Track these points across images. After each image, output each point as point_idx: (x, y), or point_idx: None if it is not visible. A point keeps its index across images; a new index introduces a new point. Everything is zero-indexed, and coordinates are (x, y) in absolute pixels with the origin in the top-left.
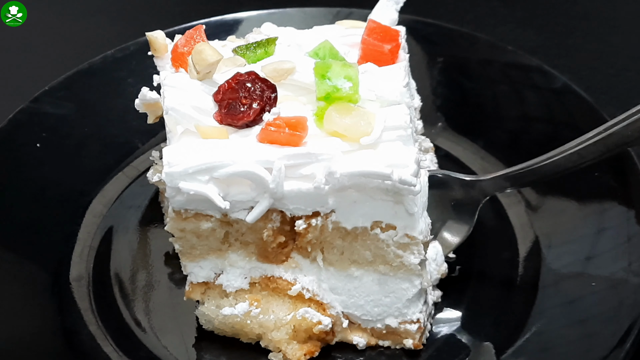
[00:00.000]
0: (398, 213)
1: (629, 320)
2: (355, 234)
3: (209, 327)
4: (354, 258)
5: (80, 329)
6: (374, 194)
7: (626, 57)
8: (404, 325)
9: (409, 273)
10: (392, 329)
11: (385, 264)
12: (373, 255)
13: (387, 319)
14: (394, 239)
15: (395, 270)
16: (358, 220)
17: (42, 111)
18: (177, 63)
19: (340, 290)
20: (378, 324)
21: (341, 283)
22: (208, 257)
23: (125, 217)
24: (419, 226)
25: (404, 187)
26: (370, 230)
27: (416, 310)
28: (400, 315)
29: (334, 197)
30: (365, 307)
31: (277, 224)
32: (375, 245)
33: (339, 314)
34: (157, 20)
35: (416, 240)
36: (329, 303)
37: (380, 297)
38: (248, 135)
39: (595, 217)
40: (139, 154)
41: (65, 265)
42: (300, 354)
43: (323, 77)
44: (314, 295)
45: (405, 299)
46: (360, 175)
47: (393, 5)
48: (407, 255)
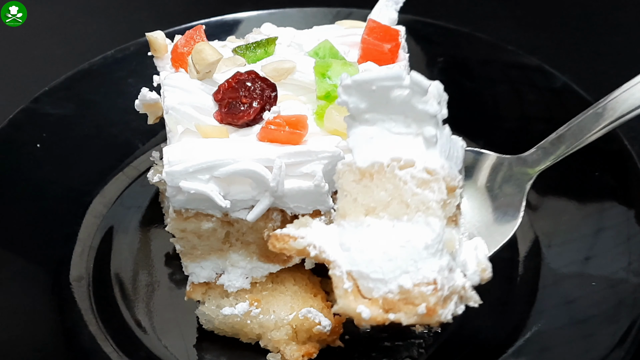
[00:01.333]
0: (417, 147)
1: (629, 320)
2: (370, 172)
3: (209, 327)
4: (368, 203)
5: (81, 329)
6: (392, 126)
7: (626, 57)
8: (418, 287)
9: (427, 214)
10: (406, 292)
11: (401, 205)
12: (390, 195)
13: (400, 277)
14: (412, 175)
15: (413, 213)
16: (375, 157)
17: (42, 111)
18: (177, 63)
19: (350, 244)
20: (390, 285)
21: (352, 236)
22: (209, 257)
23: (126, 217)
24: (440, 160)
25: (424, 111)
26: (387, 167)
27: (434, 268)
28: (415, 272)
29: (350, 134)
30: (377, 262)
31: (277, 223)
32: (392, 183)
33: (342, 274)
34: (157, 20)
35: (436, 175)
36: (335, 261)
37: (394, 248)
38: (248, 134)
39: (595, 216)
40: (139, 154)
41: (65, 265)
42: (298, 355)
43: (323, 76)
44: (320, 253)
45: (422, 246)
46: (371, 81)
47: (393, 5)
48: (426, 192)
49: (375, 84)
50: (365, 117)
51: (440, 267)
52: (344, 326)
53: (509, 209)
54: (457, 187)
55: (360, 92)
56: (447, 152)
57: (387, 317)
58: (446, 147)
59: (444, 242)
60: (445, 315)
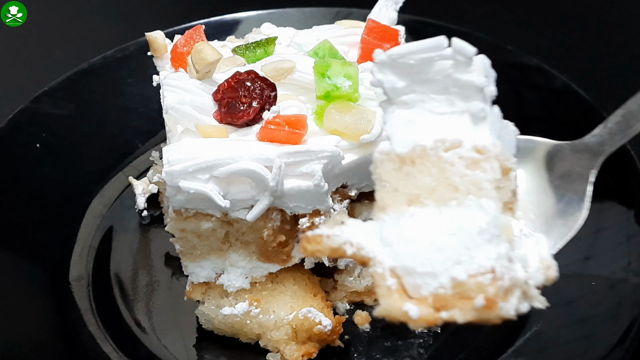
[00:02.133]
0: (464, 125)
1: (629, 319)
2: (412, 158)
3: (208, 326)
4: (410, 190)
5: (80, 329)
6: (433, 106)
7: (626, 57)
8: (474, 278)
9: (479, 196)
10: (460, 285)
11: (449, 189)
12: (435, 180)
13: (452, 268)
14: (460, 155)
15: (463, 196)
16: (415, 140)
17: (42, 111)
18: (177, 63)
19: (392, 237)
20: (441, 279)
21: (395, 229)
22: (209, 257)
23: (125, 217)
24: (490, 137)
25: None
26: (430, 150)
27: (490, 255)
28: (469, 261)
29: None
30: (424, 254)
31: (277, 223)
32: (437, 167)
33: (384, 271)
34: (156, 20)
35: (487, 153)
36: (375, 258)
37: (444, 237)
38: (248, 134)
39: (594, 216)
40: (139, 154)
41: (65, 265)
42: (298, 355)
43: (323, 76)
44: (358, 250)
45: (475, 232)
46: (409, 54)
47: (392, 5)
48: (476, 173)
49: (413, 57)
50: (402, 99)
51: (498, 255)
52: (344, 326)
53: (571, 200)
54: (512, 169)
55: (397, 69)
56: (498, 131)
57: (439, 317)
58: (497, 126)
59: (501, 227)
60: (507, 310)
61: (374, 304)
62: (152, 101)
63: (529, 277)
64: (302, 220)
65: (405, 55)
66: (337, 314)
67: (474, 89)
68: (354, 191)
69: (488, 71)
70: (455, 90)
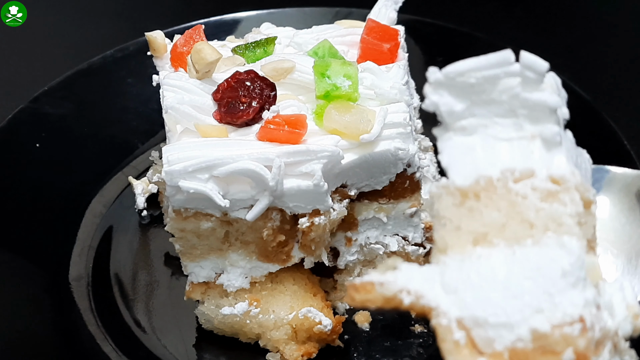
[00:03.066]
0: (535, 152)
1: None
2: (475, 191)
3: (208, 326)
4: (476, 228)
5: (80, 329)
6: (498, 131)
7: (626, 57)
8: (559, 329)
9: (560, 233)
10: (542, 337)
11: (523, 226)
12: (505, 215)
13: (532, 318)
14: (534, 186)
15: (540, 233)
16: (479, 171)
17: (41, 111)
18: (177, 63)
19: (457, 283)
20: (519, 330)
21: (459, 274)
22: (209, 257)
23: (125, 217)
24: (568, 165)
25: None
26: (497, 182)
27: (577, 301)
28: (552, 309)
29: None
30: (497, 302)
31: (277, 222)
32: (507, 200)
33: (450, 322)
34: (156, 20)
35: (566, 183)
36: (438, 308)
37: (519, 281)
38: (247, 134)
39: None
40: (139, 154)
41: (64, 265)
42: (298, 355)
43: (322, 76)
44: (417, 299)
45: (558, 274)
46: (470, 71)
47: (392, 5)
48: (555, 206)
49: (474, 75)
50: (461, 125)
51: (586, 301)
52: (343, 326)
53: None
54: (593, 201)
55: (456, 89)
56: (575, 159)
57: None
58: (573, 152)
59: (587, 269)
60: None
61: None
62: (152, 101)
63: (617, 327)
64: (302, 220)
65: (465, 73)
66: (337, 313)
67: (546, 111)
68: (353, 191)
69: (560, 90)
70: (523, 112)
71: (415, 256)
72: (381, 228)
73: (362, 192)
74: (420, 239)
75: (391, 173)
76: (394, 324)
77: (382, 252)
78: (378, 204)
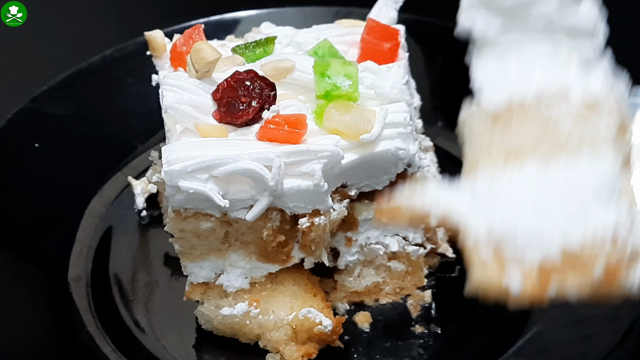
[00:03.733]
0: (571, 71)
1: (629, 320)
2: (507, 114)
3: (208, 327)
4: (508, 147)
5: (79, 329)
6: (533, 49)
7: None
8: (590, 246)
9: (594, 147)
10: (572, 254)
11: (556, 143)
12: (538, 135)
13: (563, 233)
14: (569, 108)
15: (575, 150)
16: (511, 93)
17: (41, 111)
18: (176, 62)
19: (486, 201)
20: (549, 247)
21: (489, 189)
22: (208, 257)
23: (124, 217)
24: (605, 85)
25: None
26: (530, 104)
27: (609, 219)
28: (583, 226)
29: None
30: (527, 219)
31: (276, 223)
32: (540, 122)
33: (478, 239)
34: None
35: (601, 104)
36: (467, 226)
37: (551, 197)
38: (247, 134)
39: None
40: (138, 154)
41: (63, 265)
42: (298, 355)
43: (322, 75)
44: (444, 217)
45: (590, 191)
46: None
47: (392, 4)
48: (590, 123)
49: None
50: (496, 43)
51: (619, 217)
52: (344, 326)
53: None
54: (629, 123)
55: (491, 8)
56: (611, 80)
57: (545, 291)
58: (610, 73)
59: (620, 189)
60: (631, 282)
61: (374, 304)
62: (151, 101)
63: None
64: (302, 220)
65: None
66: (337, 314)
67: (584, 30)
68: (353, 191)
69: (599, 8)
70: (560, 31)
71: (416, 257)
72: (381, 228)
73: (363, 192)
74: (420, 239)
75: (391, 173)
76: (394, 325)
77: (382, 252)
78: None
